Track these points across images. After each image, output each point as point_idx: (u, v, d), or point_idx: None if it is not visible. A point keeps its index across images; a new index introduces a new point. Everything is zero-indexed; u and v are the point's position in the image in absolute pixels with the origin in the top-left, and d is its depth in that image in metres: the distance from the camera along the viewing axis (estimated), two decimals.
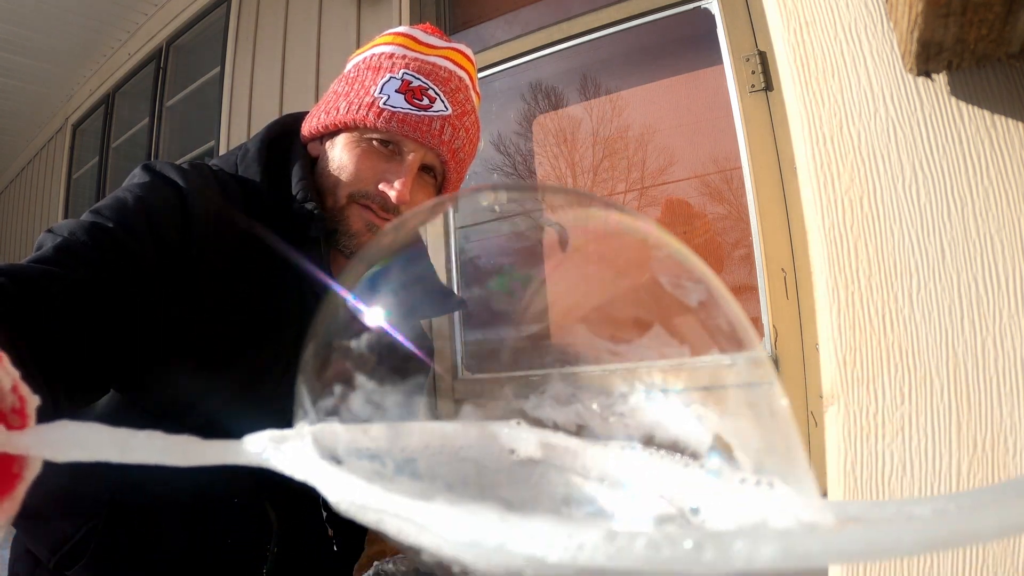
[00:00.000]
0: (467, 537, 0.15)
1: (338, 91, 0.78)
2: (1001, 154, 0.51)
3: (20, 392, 0.20)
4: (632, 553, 0.14)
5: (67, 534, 0.70)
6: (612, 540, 0.14)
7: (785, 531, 0.15)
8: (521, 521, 0.15)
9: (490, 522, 0.15)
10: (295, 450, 0.21)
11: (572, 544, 0.14)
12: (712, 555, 0.13)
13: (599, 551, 0.14)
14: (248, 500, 0.77)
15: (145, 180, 0.68)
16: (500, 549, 0.15)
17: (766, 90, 1.90)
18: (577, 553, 0.14)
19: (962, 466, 0.49)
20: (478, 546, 0.15)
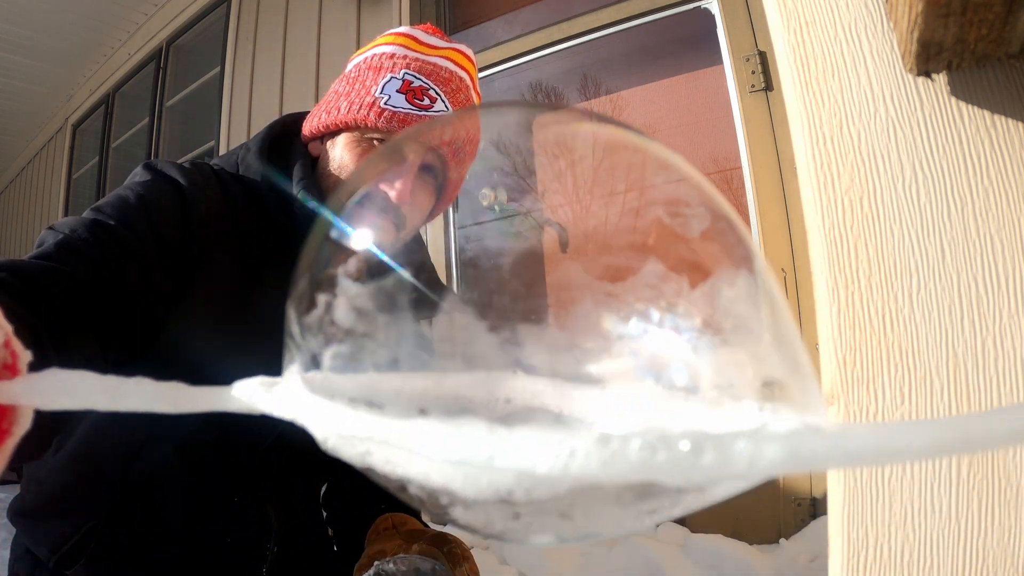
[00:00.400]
0: (456, 454, 0.14)
1: (339, 91, 0.78)
2: (1001, 154, 0.51)
3: (13, 347, 0.20)
4: (627, 457, 0.13)
5: (67, 534, 0.70)
6: (605, 444, 0.13)
7: (788, 432, 0.13)
8: (510, 432, 0.14)
9: (478, 435, 0.14)
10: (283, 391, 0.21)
11: (563, 451, 0.13)
12: (712, 458, 0.12)
13: (592, 457, 0.13)
14: (248, 500, 0.77)
15: (147, 178, 0.68)
16: (489, 463, 0.14)
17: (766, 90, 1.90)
18: (569, 460, 0.13)
19: (962, 466, 0.49)
20: (467, 463, 0.14)
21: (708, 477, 0.13)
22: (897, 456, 0.13)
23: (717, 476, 0.13)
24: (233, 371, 0.76)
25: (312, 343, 0.24)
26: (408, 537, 0.77)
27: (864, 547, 0.51)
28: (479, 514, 0.17)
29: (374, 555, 0.74)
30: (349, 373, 0.24)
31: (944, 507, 0.49)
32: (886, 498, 0.51)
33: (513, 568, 1.88)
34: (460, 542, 0.75)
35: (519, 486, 0.15)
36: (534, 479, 0.15)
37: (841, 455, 0.13)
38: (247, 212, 0.73)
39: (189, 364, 0.68)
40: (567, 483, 0.15)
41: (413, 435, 0.15)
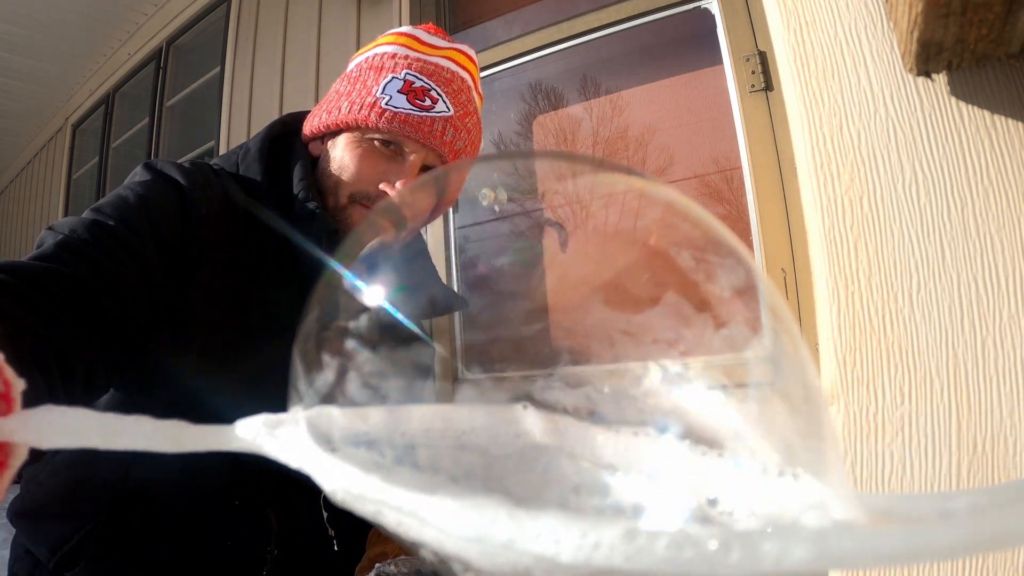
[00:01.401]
0: (473, 533, 0.14)
1: (340, 91, 0.78)
2: (1001, 154, 0.51)
3: (5, 376, 0.19)
4: (653, 554, 0.13)
5: (67, 535, 0.70)
6: (631, 540, 0.13)
7: (817, 531, 0.13)
8: (531, 517, 0.14)
9: (497, 518, 0.14)
10: (289, 436, 0.20)
11: (587, 543, 0.13)
12: (739, 556, 0.12)
13: (616, 551, 0.13)
14: (248, 502, 0.77)
15: (147, 178, 0.68)
16: (508, 546, 0.14)
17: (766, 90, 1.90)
18: (592, 553, 0.13)
19: (962, 466, 0.49)
20: (484, 542, 0.14)
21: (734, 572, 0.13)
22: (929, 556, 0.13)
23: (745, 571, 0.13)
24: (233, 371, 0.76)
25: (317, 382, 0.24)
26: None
27: None
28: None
29: (375, 557, 0.74)
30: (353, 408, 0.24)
31: None
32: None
33: None
34: None
35: (539, 566, 0.15)
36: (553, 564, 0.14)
37: (872, 556, 0.12)
38: (247, 211, 0.73)
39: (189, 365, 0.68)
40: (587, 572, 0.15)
41: (428, 509, 0.15)
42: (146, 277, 0.61)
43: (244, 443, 0.20)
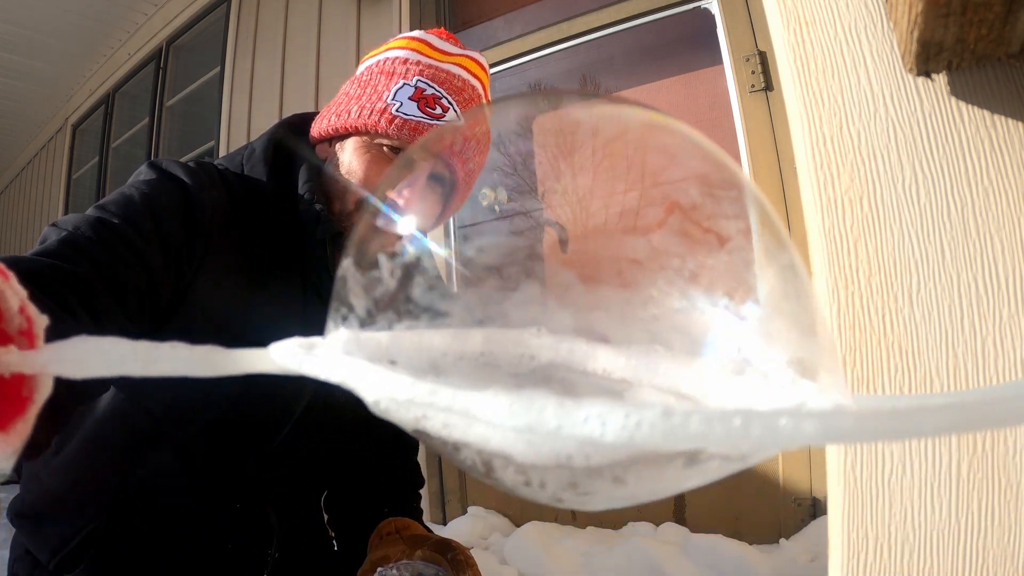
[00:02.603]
0: (522, 423, 0.15)
1: (349, 93, 0.77)
2: (1001, 154, 0.51)
3: (28, 312, 0.19)
4: (687, 429, 0.14)
5: (67, 536, 0.70)
6: (668, 418, 0.14)
7: (824, 411, 0.16)
8: (577, 405, 0.15)
9: (547, 407, 0.15)
10: (328, 353, 0.20)
11: (630, 422, 0.15)
12: (759, 431, 0.14)
13: (656, 428, 0.14)
14: (250, 504, 0.77)
15: (151, 177, 0.68)
16: (556, 433, 0.15)
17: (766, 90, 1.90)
18: (635, 431, 0.15)
19: (962, 466, 0.49)
20: (533, 431, 0.15)
21: (754, 447, 0.15)
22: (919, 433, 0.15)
23: (762, 447, 0.15)
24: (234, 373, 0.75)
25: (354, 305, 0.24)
26: (411, 542, 0.77)
27: (864, 547, 0.51)
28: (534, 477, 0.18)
29: (377, 561, 0.74)
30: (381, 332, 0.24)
31: (944, 507, 0.49)
32: (886, 498, 0.51)
33: (513, 568, 1.88)
34: (463, 548, 0.75)
35: (580, 452, 0.16)
36: (596, 446, 0.16)
37: (870, 432, 0.15)
38: (251, 213, 0.72)
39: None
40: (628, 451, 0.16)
41: (479, 405, 0.16)
42: (149, 276, 0.61)
43: (281, 365, 0.20)
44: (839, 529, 0.52)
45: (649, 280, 0.24)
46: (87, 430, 0.72)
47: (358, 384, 0.18)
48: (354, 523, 0.89)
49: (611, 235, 0.27)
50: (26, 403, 0.19)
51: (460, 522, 2.23)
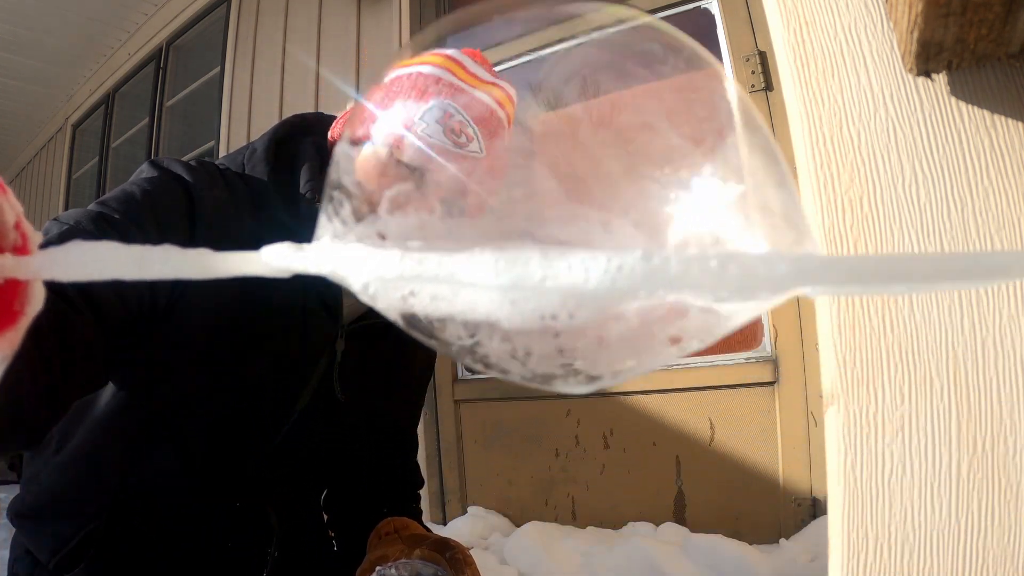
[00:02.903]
0: (508, 279, 0.16)
1: (376, 101, 0.77)
2: (1001, 154, 0.51)
3: (23, 229, 0.19)
4: (666, 272, 0.15)
5: (67, 536, 0.70)
6: (648, 260, 0.15)
7: (796, 255, 0.16)
8: (561, 255, 0.15)
9: (531, 259, 0.16)
10: (317, 249, 0.20)
11: (612, 267, 0.15)
12: (736, 271, 0.15)
13: (636, 271, 0.15)
14: (249, 504, 0.77)
15: (153, 175, 0.68)
16: (541, 285, 0.15)
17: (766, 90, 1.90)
18: (616, 275, 0.15)
19: (962, 466, 0.49)
20: (518, 287, 0.16)
21: (732, 291, 0.15)
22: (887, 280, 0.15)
23: (739, 291, 0.15)
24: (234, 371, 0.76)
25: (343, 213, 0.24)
26: (410, 542, 0.77)
27: (864, 547, 0.51)
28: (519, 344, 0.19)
29: (376, 560, 0.74)
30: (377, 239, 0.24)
31: (944, 507, 0.49)
32: (886, 498, 0.51)
33: (513, 568, 1.88)
34: (462, 548, 0.75)
35: (563, 310, 0.17)
36: (579, 301, 0.16)
37: (839, 275, 0.15)
38: (252, 213, 0.72)
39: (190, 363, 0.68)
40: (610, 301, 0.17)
41: (465, 265, 0.16)
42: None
43: (272, 266, 0.20)
44: (839, 529, 0.52)
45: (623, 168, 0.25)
46: (87, 430, 0.72)
47: (347, 269, 0.19)
48: (353, 523, 0.89)
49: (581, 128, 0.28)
50: (17, 316, 0.19)
51: (460, 522, 2.23)
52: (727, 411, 1.95)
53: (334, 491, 0.94)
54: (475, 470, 2.40)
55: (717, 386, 1.97)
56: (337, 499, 0.93)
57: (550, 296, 0.16)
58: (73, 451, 0.72)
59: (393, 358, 0.86)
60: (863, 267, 0.15)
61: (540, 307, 0.17)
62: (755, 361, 1.92)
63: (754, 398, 1.91)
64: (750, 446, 1.91)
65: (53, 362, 0.49)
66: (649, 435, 2.08)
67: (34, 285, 0.19)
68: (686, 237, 0.23)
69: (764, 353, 1.92)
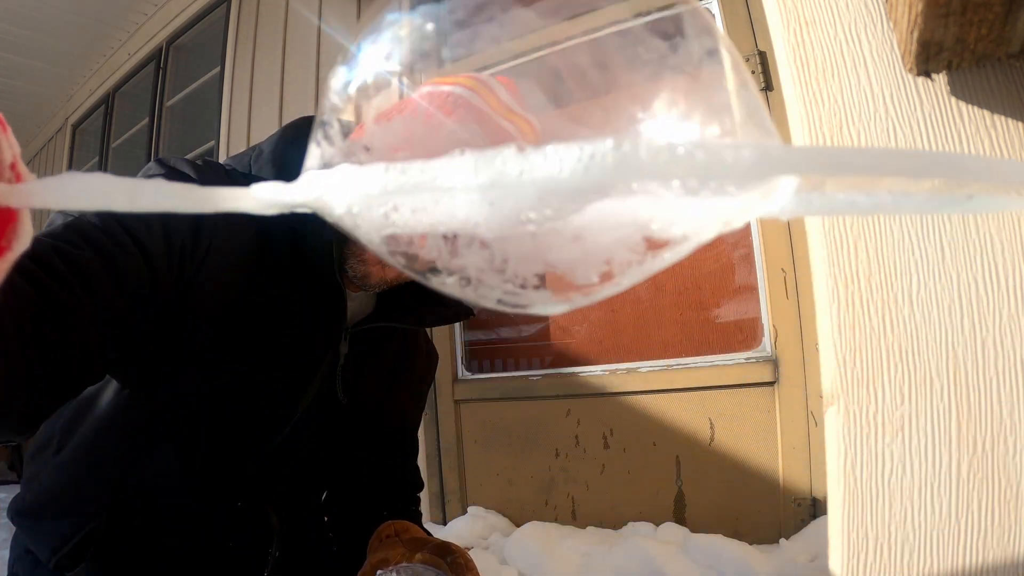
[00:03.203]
0: (487, 178, 0.16)
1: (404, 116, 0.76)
2: (1001, 154, 0.51)
3: (18, 169, 0.19)
4: (637, 159, 0.15)
5: (67, 535, 0.70)
6: (618, 148, 0.15)
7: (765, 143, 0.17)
8: (536, 150, 0.16)
9: (508, 157, 0.16)
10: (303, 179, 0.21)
11: (584, 155, 0.15)
12: (703, 158, 0.15)
13: (607, 159, 0.15)
14: (250, 503, 0.77)
15: (160, 173, 0.67)
16: (519, 180, 0.16)
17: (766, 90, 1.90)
18: (590, 164, 0.15)
19: (962, 466, 0.49)
20: (497, 185, 0.16)
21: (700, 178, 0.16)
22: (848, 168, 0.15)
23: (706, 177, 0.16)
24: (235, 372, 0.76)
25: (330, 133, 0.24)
26: (411, 545, 0.77)
27: (864, 547, 0.51)
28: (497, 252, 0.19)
29: (377, 564, 0.74)
30: None
31: (944, 507, 0.49)
32: (886, 498, 0.51)
33: (513, 568, 1.88)
34: (463, 552, 0.75)
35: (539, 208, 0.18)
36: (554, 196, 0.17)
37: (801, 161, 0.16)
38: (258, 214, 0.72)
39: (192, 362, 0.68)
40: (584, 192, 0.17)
41: (446, 169, 0.17)
42: (151, 269, 0.61)
43: (261, 201, 0.21)
44: (839, 529, 0.52)
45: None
46: (88, 429, 0.72)
47: (331, 195, 0.19)
48: (353, 525, 0.89)
49: None
50: (3, 251, 0.19)
51: (460, 522, 2.23)
52: (727, 411, 1.95)
53: (334, 492, 0.94)
54: (475, 470, 2.40)
55: (717, 386, 1.97)
56: (337, 500, 0.94)
57: (527, 192, 0.16)
58: (74, 450, 0.72)
59: (395, 361, 0.86)
60: (829, 156, 0.16)
61: (518, 206, 0.17)
62: (755, 361, 1.92)
63: (754, 398, 1.91)
64: (750, 446, 1.91)
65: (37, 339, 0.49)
66: (649, 435, 2.08)
67: (23, 221, 0.19)
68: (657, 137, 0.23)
69: (764, 353, 1.92)
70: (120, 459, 0.71)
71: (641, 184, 0.17)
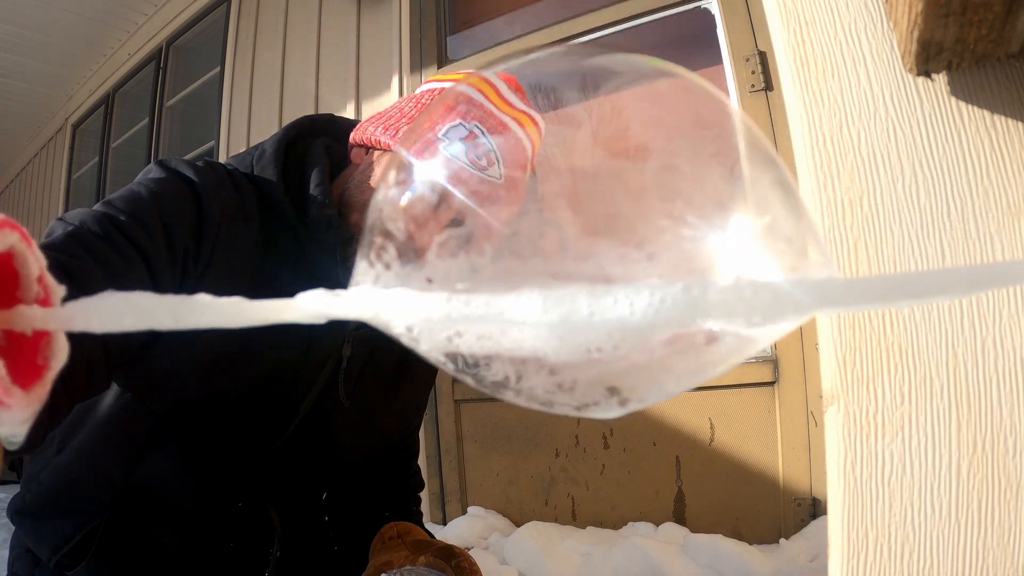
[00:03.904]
0: (557, 316, 0.16)
1: (404, 111, 0.75)
2: (1001, 154, 0.51)
3: (46, 282, 0.19)
4: (706, 302, 0.16)
5: (68, 534, 0.70)
6: (689, 291, 0.16)
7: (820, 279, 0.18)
8: (606, 291, 0.16)
9: (578, 296, 0.16)
10: (355, 294, 0.20)
11: (655, 299, 0.16)
12: (768, 298, 0.16)
13: (679, 302, 0.16)
14: (251, 504, 0.77)
15: (160, 176, 0.67)
16: (588, 320, 0.16)
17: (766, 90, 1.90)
18: (660, 307, 0.16)
19: (962, 466, 0.49)
20: (566, 323, 0.16)
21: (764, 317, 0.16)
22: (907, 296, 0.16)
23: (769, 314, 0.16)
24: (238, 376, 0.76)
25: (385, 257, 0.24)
26: (414, 548, 0.76)
27: (864, 547, 0.51)
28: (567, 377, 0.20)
29: (380, 566, 0.74)
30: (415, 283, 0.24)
31: (944, 507, 0.49)
32: (886, 498, 0.51)
33: (513, 568, 1.88)
34: (467, 556, 0.75)
35: (608, 342, 0.18)
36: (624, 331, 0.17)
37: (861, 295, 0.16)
38: (260, 214, 0.72)
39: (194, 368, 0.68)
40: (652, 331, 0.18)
41: (513, 305, 0.17)
42: (153, 276, 0.61)
43: (308, 312, 0.20)
44: (839, 529, 0.52)
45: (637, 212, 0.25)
46: (90, 429, 0.72)
47: (389, 313, 0.19)
48: (354, 525, 0.89)
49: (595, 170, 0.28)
50: (42, 371, 0.18)
51: (460, 522, 2.23)
52: (727, 411, 1.95)
53: (336, 493, 0.94)
54: (475, 470, 2.40)
55: (717, 386, 1.97)
56: (338, 501, 0.94)
57: (597, 329, 0.17)
58: (75, 450, 0.72)
59: (397, 364, 0.86)
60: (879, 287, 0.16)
61: (586, 340, 0.18)
62: (755, 361, 1.92)
63: (754, 398, 1.91)
64: (750, 446, 1.91)
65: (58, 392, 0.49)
66: (649, 435, 2.08)
67: (58, 338, 0.19)
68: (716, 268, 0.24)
69: (764, 353, 1.92)
70: (121, 459, 0.71)
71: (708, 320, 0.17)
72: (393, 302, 0.19)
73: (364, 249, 0.24)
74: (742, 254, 0.23)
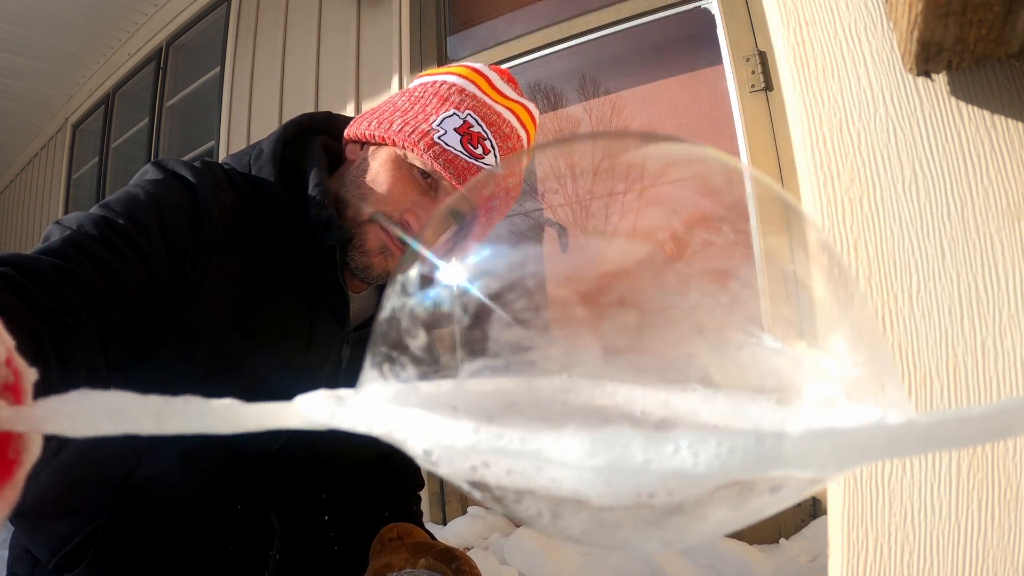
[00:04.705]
0: (603, 461, 0.14)
1: (397, 105, 0.75)
2: (1001, 154, 0.51)
3: (15, 365, 0.17)
4: (780, 453, 0.14)
5: (67, 536, 0.70)
6: (761, 442, 0.14)
7: (899, 425, 0.15)
8: (665, 438, 0.14)
9: (631, 442, 0.14)
10: (363, 404, 0.18)
11: (723, 450, 0.14)
12: (845, 447, 0.14)
13: (750, 454, 0.14)
14: (251, 506, 0.77)
15: (157, 177, 0.67)
16: (644, 468, 0.14)
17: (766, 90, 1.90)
18: (728, 459, 0.14)
19: (962, 466, 0.49)
20: (615, 469, 0.15)
21: (839, 467, 0.15)
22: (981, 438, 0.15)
23: (843, 463, 0.15)
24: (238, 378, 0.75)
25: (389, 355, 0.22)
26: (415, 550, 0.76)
27: (864, 547, 0.51)
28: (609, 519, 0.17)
29: (380, 568, 0.74)
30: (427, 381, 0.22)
31: (944, 507, 0.49)
32: (886, 498, 0.51)
33: (513, 568, 1.88)
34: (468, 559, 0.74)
35: (663, 487, 0.15)
36: (680, 479, 0.15)
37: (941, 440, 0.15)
38: (259, 214, 0.71)
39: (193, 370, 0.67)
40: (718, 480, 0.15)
41: (554, 445, 0.15)
42: (152, 279, 0.60)
43: (309, 418, 0.18)
44: (839, 529, 0.52)
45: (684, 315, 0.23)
46: None
47: (406, 434, 0.17)
48: (354, 525, 0.89)
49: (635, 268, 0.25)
50: (12, 465, 0.17)
51: (460, 522, 2.23)
52: None
53: (335, 493, 0.94)
54: None
55: None
56: (338, 501, 0.93)
57: (651, 476, 0.15)
58: (74, 451, 0.72)
59: None
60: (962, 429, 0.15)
61: (637, 486, 0.15)
62: None
63: None
64: None
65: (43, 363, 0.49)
66: None
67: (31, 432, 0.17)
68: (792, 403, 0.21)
69: None
70: (120, 460, 0.71)
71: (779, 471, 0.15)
72: (412, 423, 0.17)
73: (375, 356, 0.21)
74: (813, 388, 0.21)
